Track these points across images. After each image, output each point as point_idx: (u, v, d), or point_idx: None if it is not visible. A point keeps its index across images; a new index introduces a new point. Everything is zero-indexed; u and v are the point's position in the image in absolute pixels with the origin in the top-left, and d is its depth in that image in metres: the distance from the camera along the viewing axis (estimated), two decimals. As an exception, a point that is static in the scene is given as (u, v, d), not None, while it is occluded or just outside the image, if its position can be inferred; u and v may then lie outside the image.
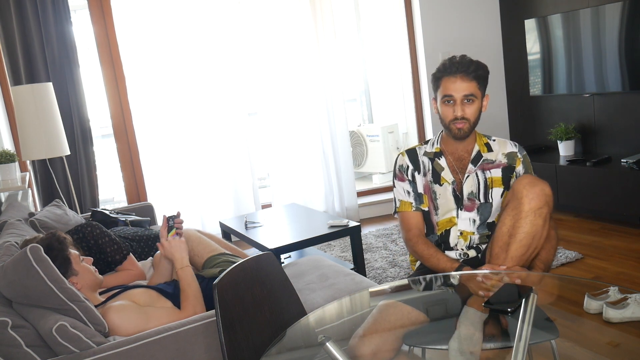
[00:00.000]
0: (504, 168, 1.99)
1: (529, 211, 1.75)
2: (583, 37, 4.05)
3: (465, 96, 1.90)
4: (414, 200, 2.04)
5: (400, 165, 2.08)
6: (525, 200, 1.75)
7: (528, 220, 1.75)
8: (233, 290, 1.44)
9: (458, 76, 1.89)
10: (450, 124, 1.94)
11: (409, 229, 2.03)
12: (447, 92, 1.91)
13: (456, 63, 1.91)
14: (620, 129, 4.13)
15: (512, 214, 1.78)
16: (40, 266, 1.66)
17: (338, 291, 2.10)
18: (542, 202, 1.75)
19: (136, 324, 1.80)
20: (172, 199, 4.38)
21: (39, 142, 3.39)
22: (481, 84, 1.93)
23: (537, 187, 1.76)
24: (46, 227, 2.68)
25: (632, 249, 3.41)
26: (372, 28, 5.79)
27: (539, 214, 1.75)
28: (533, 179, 1.81)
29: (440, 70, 1.95)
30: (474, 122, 1.95)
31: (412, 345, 1.65)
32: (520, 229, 1.76)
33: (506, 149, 2.02)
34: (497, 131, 4.90)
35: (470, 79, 1.90)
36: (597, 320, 2.17)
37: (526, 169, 2.00)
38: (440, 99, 1.95)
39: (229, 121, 4.48)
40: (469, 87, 1.90)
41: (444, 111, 1.95)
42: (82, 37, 4.33)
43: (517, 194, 1.78)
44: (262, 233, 3.32)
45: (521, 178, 1.84)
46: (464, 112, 1.91)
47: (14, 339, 1.57)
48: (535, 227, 1.75)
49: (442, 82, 1.93)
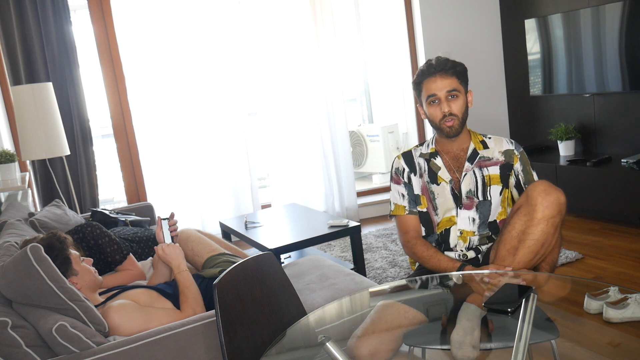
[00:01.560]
0: (501, 166, 2.00)
1: (541, 219, 1.74)
2: (583, 37, 4.05)
3: (448, 92, 1.93)
4: (407, 204, 2.05)
5: (397, 168, 2.09)
6: (540, 208, 1.75)
7: (540, 228, 1.74)
8: (233, 290, 1.44)
9: (437, 75, 1.93)
10: (440, 124, 1.96)
11: (406, 232, 2.03)
12: (430, 92, 1.94)
13: (433, 65, 1.95)
14: (621, 129, 4.12)
15: (525, 219, 1.77)
16: (40, 266, 1.66)
17: (338, 291, 2.10)
18: (555, 210, 1.75)
19: (137, 324, 1.80)
20: (172, 199, 4.38)
21: (39, 142, 3.39)
22: (461, 79, 1.96)
23: (553, 196, 1.76)
24: (46, 227, 2.68)
25: (632, 249, 3.41)
26: (372, 28, 5.79)
27: (551, 222, 1.75)
28: (549, 186, 1.79)
29: (419, 75, 1.99)
30: (463, 118, 1.96)
31: (411, 345, 1.65)
32: (530, 235, 1.75)
33: (502, 147, 2.02)
34: (498, 131, 4.89)
35: (450, 75, 1.93)
36: (597, 320, 2.16)
37: (524, 165, 2.00)
38: (426, 101, 1.97)
39: (228, 121, 4.47)
40: (450, 83, 1.93)
41: (431, 112, 1.97)
42: (82, 37, 4.33)
43: (532, 200, 1.77)
44: (262, 233, 3.32)
45: (537, 184, 1.82)
46: (451, 108, 1.93)
47: (14, 339, 1.57)
48: (546, 235, 1.75)
49: (424, 85, 1.97)
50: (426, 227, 2.05)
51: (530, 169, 2.01)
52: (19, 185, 3.20)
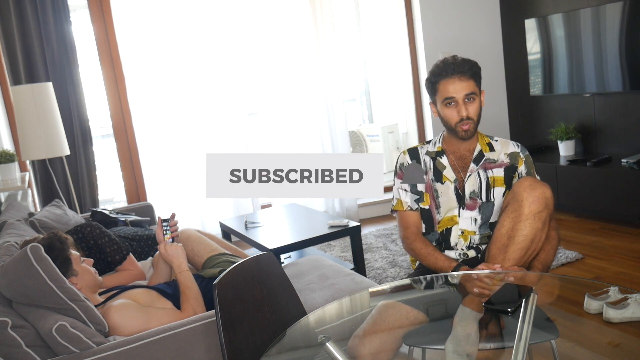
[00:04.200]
0: (506, 168, 1.99)
1: (528, 214, 1.75)
2: (583, 37, 4.05)
3: (466, 95, 1.90)
4: (409, 200, 2.04)
5: (402, 163, 2.08)
6: (526, 203, 1.75)
7: (527, 224, 1.75)
8: (233, 290, 1.44)
9: (456, 77, 1.89)
10: (456, 127, 1.93)
11: (407, 227, 2.03)
12: (448, 94, 1.90)
13: (451, 64, 1.90)
14: (621, 129, 4.12)
15: (512, 216, 1.78)
16: (40, 265, 1.66)
17: (338, 291, 2.10)
18: (542, 205, 1.75)
19: (137, 323, 1.80)
20: (172, 199, 4.38)
21: (39, 142, 3.39)
22: (477, 81, 1.94)
23: (538, 190, 1.76)
24: (46, 227, 2.68)
25: (632, 249, 3.41)
26: (372, 28, 5.79)
27: (538, 217, 1.75)
28: (534, 181, 1.80)
29: (436, 74, 1.94)
30: (478, 121, 1.95)
31: (411, 346, 1.65)
32: (519, 231, 1.75)
33: (508, 149, 2.02)
34: (498, 131, 4.90)
35: (468, 78, 1.90)
36: (597, 320, 2.16)
37: (528, 168, 2.00)
38: (441, 103, 1.94)
39: (229, 121, 4.47)
40: (468, 85, 1.90)
41: (447, 114, 1.93)
42: (82, 37, 4.33)
43: (518, 197, 1.78)
44: (262, 233, 3.32)
45: (522, 180, 1.83)
46: (469, 112, 1.90)
47: (14, 339, 1.57)
48: (535, 231, 1.75)
49: (440, 85, 1.92)
50: (427, 224, 2.05)
51: (534, 172, 2.01)
52: (19, 185, 3.20)
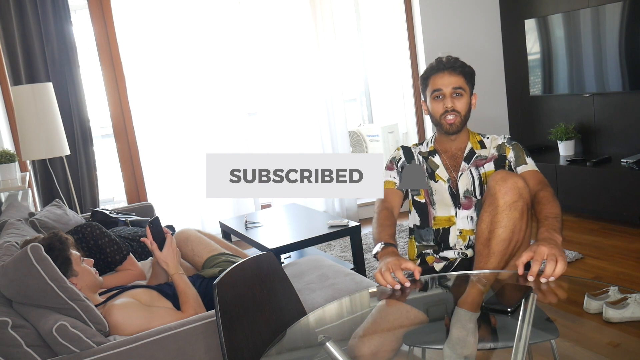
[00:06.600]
0: (495, 160, 2.01)
1: (504, 206, 1.76)
2: (583, 37, 4.05)
3: (454, 89, 1.95)
4: (398, 183, 2.07)
5: (393, 157, 2.13)
6: (499, 195, 1.77)
7: (505, 215, 1.76)
8: (233, 290, 1.44)
9: (446, 72, 1.96)
10: (441, 119, 1.97)
11: (384, 200, 2.04)
12: (436, 86, 1.96)
13: (443, 61, 1.98)
14: (620, 129, 4.12)
15: (489, 210, 1.79)
16: (40, 265, 1.66)
17: (338, 291, 2.10)
18: (515, 195, 1.76)
19: (140, 322, 1.80)
20: (172, 199, 4.38)
21: (39, 142, 3.39)
22: (468, 80, 1.98)
23: (509, 181, 1.77)
24: (46, 227, 2.68)
25: (632, 249, 3.41)
26: (372, 28, 5.78)
27: (514, 207, 1.76)
28: (505, 173, 1.82)
29: (428, 70, 2.01)
30: (465, 117, 1.98)
31: (411, 345, 1.65)
32: (498, 224, 1.77)
33: (497, 143, 2.05)
34: (498, 131, 4.85)
35: (457, 74, 1.96)
36: (597, 320, 2.16)
37: (517, 152, 2.01)
38: (430, 96, 1.99)
39: (229, 121, 4.48)
40: (457, 80, 1.95)
41: (434, 107, 1.99)
42: (82, 37, 4.33)
43: (491, 190, 1.80)
44: (262, 233, 3.32)
45: (494, 174, 1.85)
46: (454, 104, 1.95)
47: (14, 338, 1.57)
48: (513, 221, 1.76)
49: (431, 80, 1.99)
50: (422, 218, 2.06)
51: (525, 155, 2.01)
52: (19, 185, 3.20)
